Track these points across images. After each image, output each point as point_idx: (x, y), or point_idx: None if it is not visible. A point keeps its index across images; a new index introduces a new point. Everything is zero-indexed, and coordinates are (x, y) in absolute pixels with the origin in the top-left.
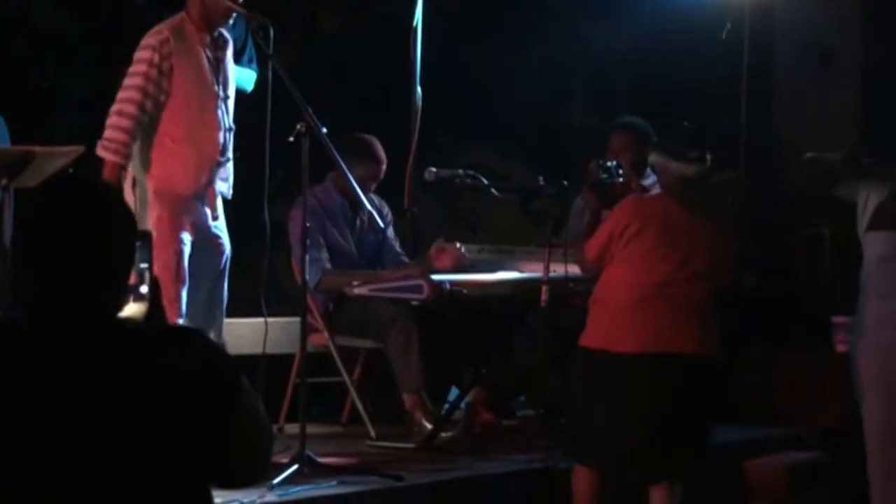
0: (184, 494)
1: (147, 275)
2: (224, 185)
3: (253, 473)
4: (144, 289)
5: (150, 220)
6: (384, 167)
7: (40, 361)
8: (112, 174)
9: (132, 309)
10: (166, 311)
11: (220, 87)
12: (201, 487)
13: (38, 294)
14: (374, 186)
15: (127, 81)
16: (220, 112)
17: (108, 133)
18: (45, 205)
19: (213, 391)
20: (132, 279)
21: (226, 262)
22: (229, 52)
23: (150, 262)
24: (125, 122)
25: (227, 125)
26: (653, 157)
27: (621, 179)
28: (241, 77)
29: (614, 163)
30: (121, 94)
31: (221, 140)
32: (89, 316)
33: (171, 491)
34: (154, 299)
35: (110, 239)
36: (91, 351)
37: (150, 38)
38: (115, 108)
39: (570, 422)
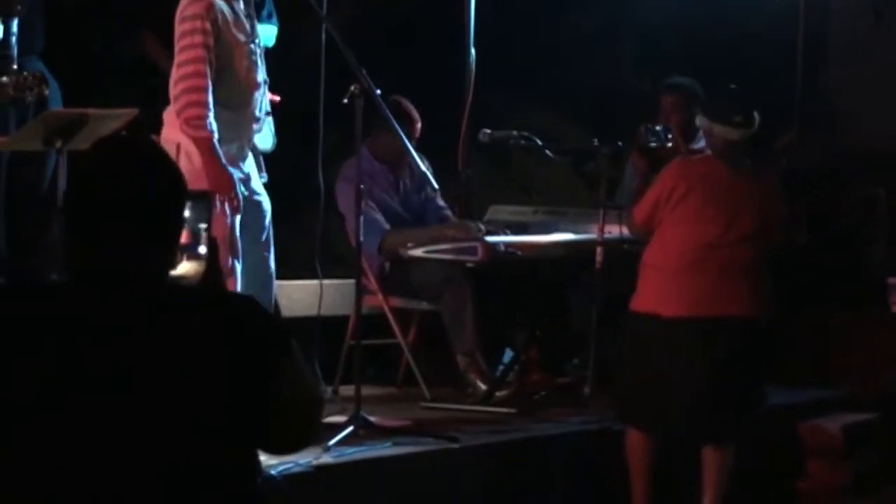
0: (231, 457)
1: (204, 235)
2: (265, 140)
3: (301, 438)
4: (202, 249)
5: (200, 184)
6: (419, 126)
7: (92, 323)
8: (209, 148)
9: (186, 268)
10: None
11: (255, 44)
12: (249, 451)
13: (89, 256)
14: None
15: (186, 55)
16: (256, 69)
17: (189, 112)
18: (95, 166)
19: (262, 355)
20: (185, 238)
21: (269, 220)
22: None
23: (208, 222)
24: (202, 97)
25: (263, 80)
26: (698, 120)
27: (670, 143)
28: (262, 33)
29: (662, 127)
30: (184, 69)
31: (260, 97)
32: (139, 277)
33: (219, 453)
34: (211, 260)
35: (160, 199)
36: (141, 312)
37: (194, 6)
38: (183, 84)
39: (622, 385)
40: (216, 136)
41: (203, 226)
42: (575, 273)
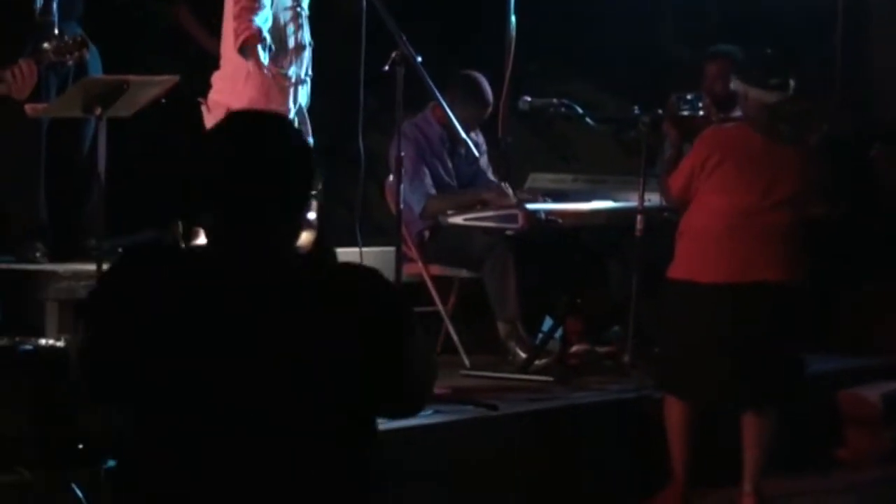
0: (354, 421)
1: (315, 203)
2: (305, 100)
3: (417, 404)
4: (312, 215)
5: None
6: (490, 109)
7: (231, 287)
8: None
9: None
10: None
11: (301, 6)
12: (370, 416)
13: (223, 225)
14: (478, 124)
15: (241, 4)
16: (302, 30)
17: (246, 34)
18: (229, 139)
19: (385, 325)
20: None
21: None
22: None
23: (317, 190)
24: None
25: (308, 42)
26: (734, 84)
27: (702, 112)
28: None
29: (694, 95)
30: (241, 5)
31: (306, 58)
32: (273, 246)
33: (344, 416)
34: (322, 227)
35: (292, 172)
36: (273, 282)
37: None
38: (239, 8)
39: (661, 353)
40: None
41: (313, 192)
42: (615, 241)
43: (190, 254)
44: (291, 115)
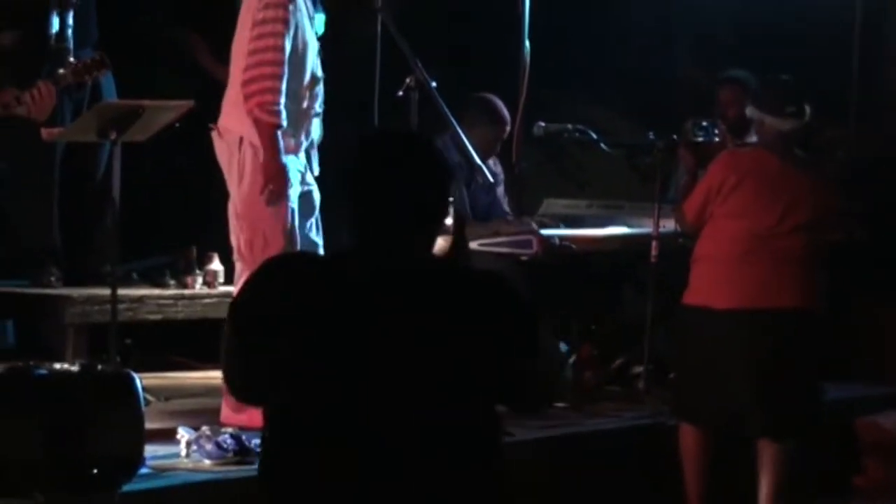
0: (486, 414)
1: (451, 210)
2: (317, 134)
3: (541, 402)
4: (449, 221)
5: (259, 181)
6: (507, 128)
7: (368, 293)
8: (272, 135)
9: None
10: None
11: (315, 37)
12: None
13: (373, 232)
14: (498, 147)
15: (266, 42)
16: (317, 62)
17: (264, 97)
18: (378, 154)
19: (515, 327)
20: None
21: (317, 214)
22: None
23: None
24: (278, 84)
25: (320, 75)
26: (749, 111)
27: (717, 138)
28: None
29: (709, 121)
30: (262, 55)
31: (319, 92)
32: (414, 252)
33: (478, 410)
34: (458, 235)
35: (433, 186)
36: (411, 286)
37: None
38: (261, 69)
39: (676, 379)
40: (284, 125)
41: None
42: (630, 267)
43: (331, 260)
44: (304, 146)
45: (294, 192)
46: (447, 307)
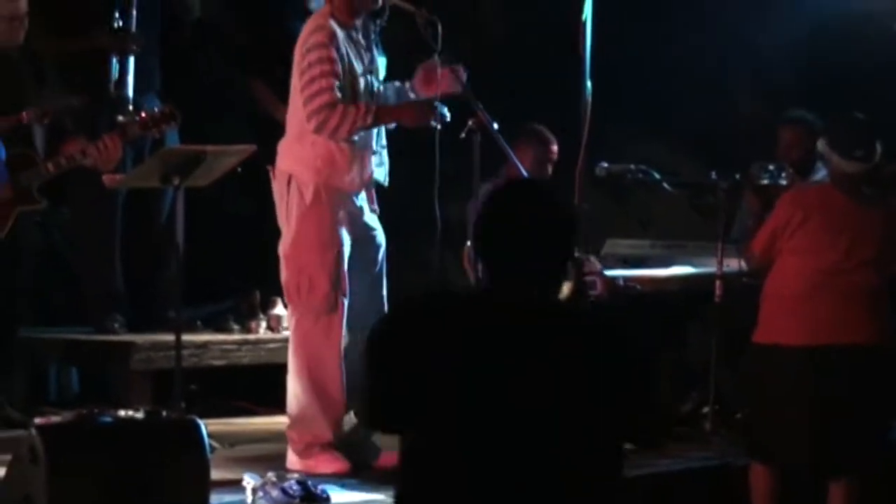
0: (612, 450)
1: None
2: (380, 172)
3: (659, 435)
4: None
5: (309, 218)
6: (555, 147)
7: (499, 335)
8: (372, 119)
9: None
10: None
11: (373, 75)
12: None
13: (504, 277)
14: (550, 169)
15: (318, 85)
16: (374, 101)
17: (330, 123)
18: (511, 203)
19: (635, 369)
20: None
21: (383, 254)
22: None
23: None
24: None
25: None
26: (820, 145)
27: (784, 181)
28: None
29: (776, 164)
30: (317, 99)
31: (377, 129)
32: (545, 296)
33: (602, 448)
34: (579, 278)
35: (563, 233)
36: (547, 326)
37: (318, 35)
38: (318, 101)
39: (747, 418)
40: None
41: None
42: (694, 307)
43: (464, 301)
44: (357, 185)
45: (345, 235)
46: (580, 348)
